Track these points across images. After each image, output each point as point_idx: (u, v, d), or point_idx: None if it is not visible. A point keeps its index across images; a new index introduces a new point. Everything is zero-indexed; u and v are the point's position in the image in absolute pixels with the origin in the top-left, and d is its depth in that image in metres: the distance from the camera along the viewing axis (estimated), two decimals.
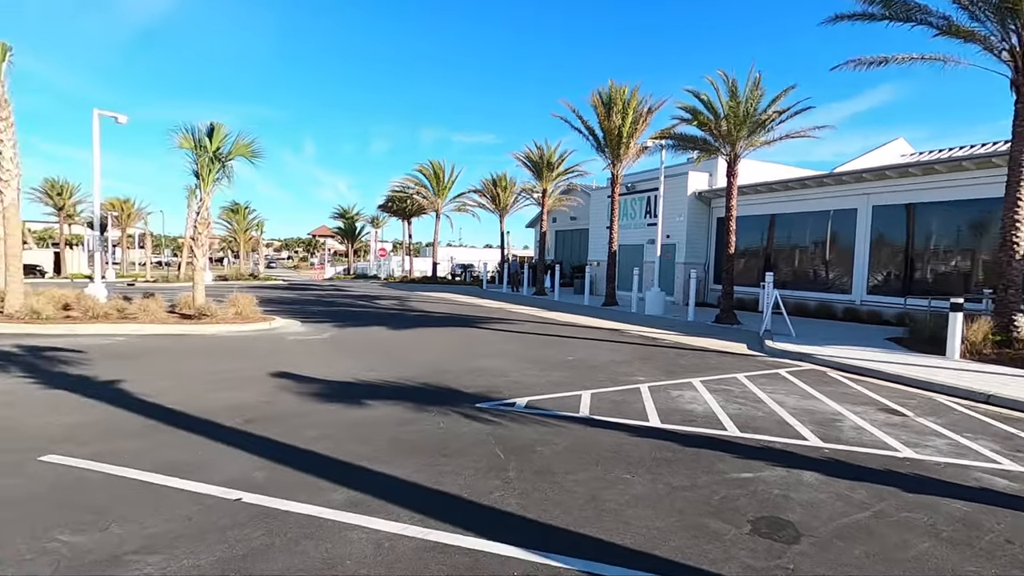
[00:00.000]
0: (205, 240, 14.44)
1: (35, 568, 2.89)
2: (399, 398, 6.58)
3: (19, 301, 12.56)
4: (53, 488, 3.88)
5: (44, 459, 4.39)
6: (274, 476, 4.16)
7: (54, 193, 39.32)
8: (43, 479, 4.03)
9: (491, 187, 32.84)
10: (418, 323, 14.63)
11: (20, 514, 3.48)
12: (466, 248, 66.64)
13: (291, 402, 6.34)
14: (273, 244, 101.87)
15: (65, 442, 4.80)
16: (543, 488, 4.02)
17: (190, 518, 3.47)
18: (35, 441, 4.83)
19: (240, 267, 45.91)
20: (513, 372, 8.26)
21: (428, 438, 5.12)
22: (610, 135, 19.28)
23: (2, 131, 12.62)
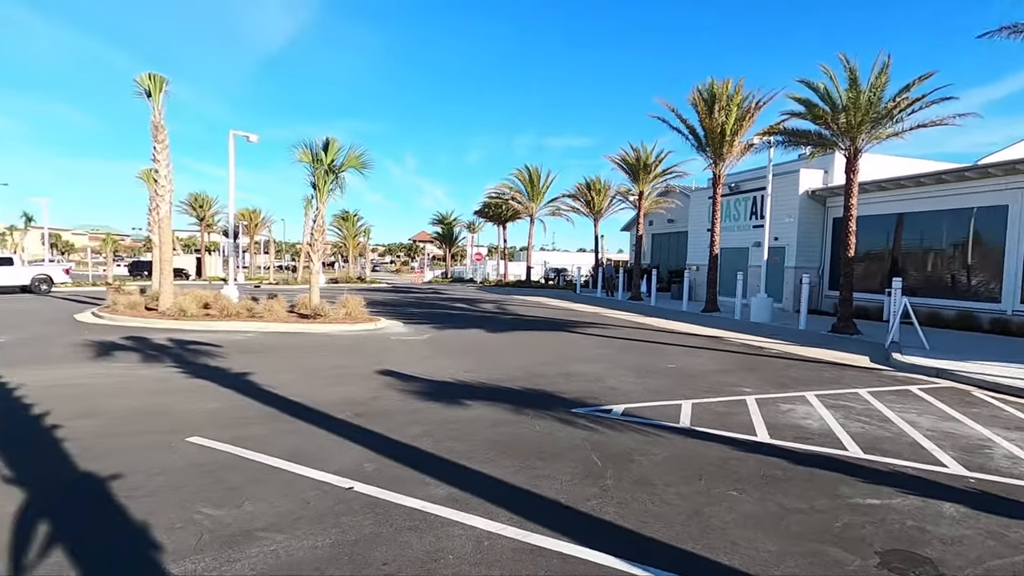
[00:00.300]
0: (320, 246, 15.67)
1: (183, 537, 3.28)
2: (495, 399, 6.71)
3: (170, 300, 14.38)
4: (197, 466, 4.39)
5: (190, 440, 4.99)
6: (381, 468, 4.41)
7: (197, 206, 44.58)
8: (189, 458, 4.57)
9: (585, 191, 32.61)
10: (513, 326, 14.85)
11: (171, 487, 3.98)
12: (559, 252, 66.66)
13: (395, 399, 6.69)
14: (378, 249, 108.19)
15: (206, 426, 5.42)
16: (642, 499, 3.91)
17: (309, 502, 3.77)
18: (183, 424, 5.49)
19: (349, 271, 49.28)
20: (609, 378, 8.12)
21: (524, 440, 5.17)
22: (712, 133, 18.41)
23: (159, 153, 14.54)
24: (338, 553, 3.12)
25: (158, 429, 5.32)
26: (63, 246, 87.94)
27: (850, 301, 13.99)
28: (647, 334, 13.58)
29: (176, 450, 4.74)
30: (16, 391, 6.69)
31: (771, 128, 16.67)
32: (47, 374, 7.69)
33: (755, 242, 21.35)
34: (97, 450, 4.69)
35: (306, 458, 4.59)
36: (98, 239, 61.64)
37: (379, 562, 3.03)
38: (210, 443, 4.91)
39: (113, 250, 47.74)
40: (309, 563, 3.01)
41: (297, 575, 2.90)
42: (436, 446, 4.96)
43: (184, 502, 3.73)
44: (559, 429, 5.55)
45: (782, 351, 11.15)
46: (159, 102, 14.41)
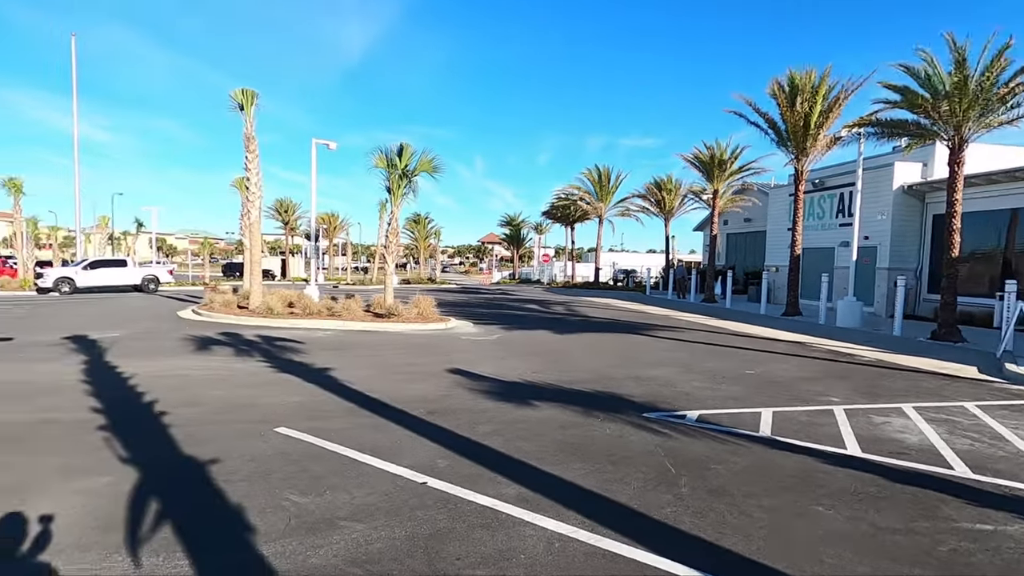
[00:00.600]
0: (394, 248, 16.26)
1: (273, 520, 3.51)
2: (564, 401, 6.68)
3: (259, 299, 15.42)
4: (284, 455, 4.68)
5: (278, 430, 5.32)
6: (454, 465, 4.50)
7: (282, 211, 47.54)
8: (277, 447, 4.88)
9: (655, 190, 31.79)
10: (581, 328, 14.73)
11: (262, 473, 4.26)
12: (628, 253, 65.41)
13: (465, 398, 6.82)
14: (447, 251, 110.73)
15: (292, 418, 5.76)
16: (719, 509, 3.76)
17: (386, 495, 3.92)
18: (271, 415, 5.87)
19: (420, 272, 50.80)
20: (682, 383, 7.87)
21: (594, 443, 5.12)
22: (794, 126, 17.40)
23: (250, 162, 15.64)
24: (413, 546, 3.22)
25: (249, 419, 5.72)
26: (167, 249, 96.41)
27: (953, 305, 12.76)
28: (722, 338, 13.04)
29: (266, 439, 5.07)
30: (130, 380, 7.41)
31: (861, 119, 15.52)
32: (156, 365, 8.47)
33: (842, 242, 19.97)
34: (198, 436, 5.11)
35: (383, 452, 4.77)
36: (196, 243, 67.24)
37: (452, 557, 3.10)
38: (295, 434, 5.22)
39: (209, 253, 51.85)
40: (387, 553, 3.13)
41: (376, 564, 3.02)
42: (506, 445, 5.01)
43: (273, 488, 3.99)
44: (630, 433, 5.44)
45: (874, 358, 10.35)
46: (250, 115, 15.50)
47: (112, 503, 3.71)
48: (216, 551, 3.16)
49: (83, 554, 3.07)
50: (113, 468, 4.33)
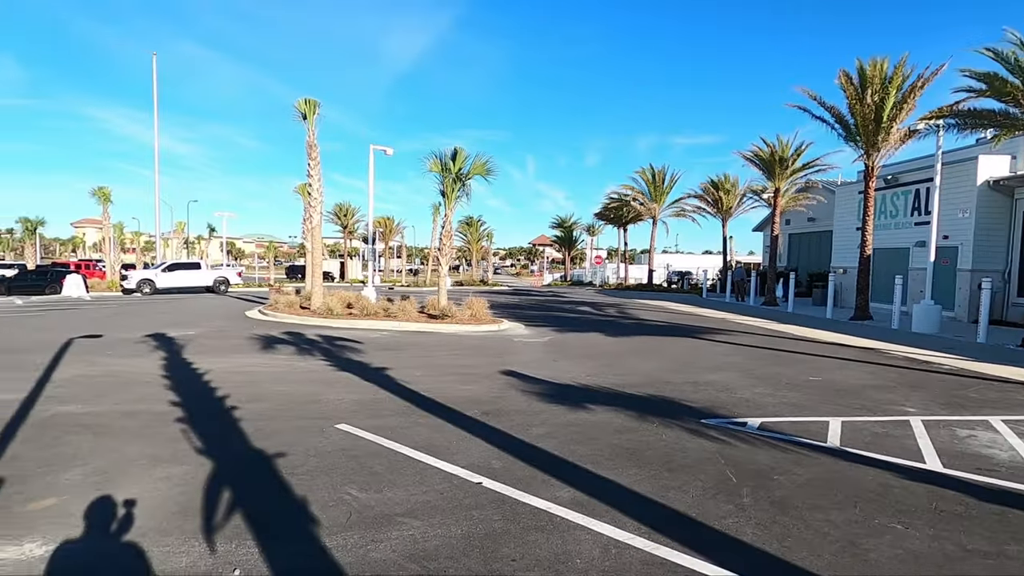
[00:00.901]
0: (448, 251, 16.52)
1: (335, 514, 3.63)
2: (618, 405, 6.58)
3: (320, 300, 16.04)
4: (344, 451, 4.84)
5: (338, 427, 5.51)
6: (508, 466, 4.52)
7: (341, 215, 49.33)
8: (338, 443, 5.05)
9: (712, 189, 30.86)
10: (635, 331, 14.47)
11: (324, 468, 4.42)
12: (683, 255, 63.76)
13: (518, 399, 6.83)
14: (499, 253, 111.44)
15: (351, 415, 5.95)
16: (784, 522, 3.59)
17: (442, 493, 3.98)
18: (332, 411, 6.09)
19: (472, 273, 51.39)
20: (742, 389, 7.59)
21: (650, 448, 5.01)
22: (864, 120, 16.46)
23: (312, 168, 16.31)
24: (469, 545, 3.25)
25: (312, 415, 5.95)
26: (236, 252, 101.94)
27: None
28: (784, 343, 12.48)
29: (327, 435, 5.26)
30: (204, 376, 7.88)
31: (940, 111, 14.49)
32: (226, 362, 8.96)
33: (918, 241, 18.70)
34: (265, 430, 5.36)
35: (438, 451, 4.85)
36: (262, 246, 70.77)
37: (508, 558, 3.11)
38: (355, 431, 5.39)
39: (274, 256, 54.35)
40: (443, 551, 3.17)
41: (433, 561, 3.07)
42: (560, 448, 4.98)
43: (335, 483, 4.13)
44: (687, 440, 5.29)
45: (956, 367, 9.62)
46: (313, 124, 16.17)
47: (189, 491, 3.95)
48: (283, 541, 3.30)
49: (164, 537, 3.28)
50: (189, 458, 4.61)
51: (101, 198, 31.30)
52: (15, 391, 6.80)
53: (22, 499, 3.79)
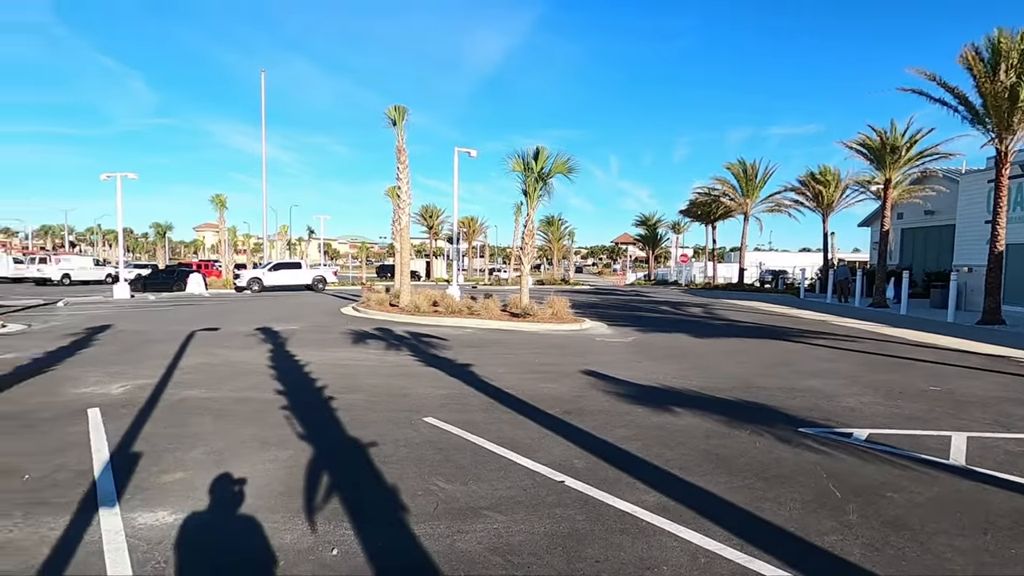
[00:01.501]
0: (530, 250, 16.64)
1: (423, 503, 3.78)
2: (707, 409, 6.31)
3: (407, 298, 16.74)
4: (431, 443, 5.02)
5: (426, 420, 5.72)
6: (591, 467, 4.48)
7: (427, 216, 51.18)
8: (425, 435, 5.25)
9: (811, 182, 28.77)
10: (724, 332, 13.81)
11: (413, 459, 4.61)
12: (777, 252, 59.98)
13: (600, 399, 6.75)
14: (580, 252, 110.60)
15: (438, 408, 6.16)
16: (898, 544, 3.28)
17: (525, 489, 4.02)
18: (420, 404, 6.34)
19: (553, 273, 51.40)
20: (845, 396, 7.02)
21: (741, 456, 4.76)
22: (995, 99, 14.62)
23: (401, 172, 17.05)
24: (552, 543, 3.25)
25: (402, 407, 6.22)
26: (331, 253, 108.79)
27: None
28: (895, 348, 11.38)
29: (416, 427, 5.48)
30: (305, 367, 8.48)
31: None
32: (324, 355, 9.59)
33: None
34: (359, 420, 5.68)
35: (521, 447, 4.90)
36: (355, 247, 74.97)
37: (591, 559, 3.08)
38: (441, 424, 5.57)
39: (365, 256, 57.35)
40: (526, 547, 3.20)
41: (516, 556, 3.10)
42: (645, 451, 4.86)
43: (423, 473, 4.30)
44: (783, 449, 4.98)
45: None
46: (401, 129, 16.90)
47: (292, 473, 4.27)
48: (375, 525, 3.48)
49: (271, 514, 3.57)
50: (292, 443, 4.98)
51: (218, 204, 34.59)
52: (151, 376, 7.69)
53: (157, 471, 4.28)
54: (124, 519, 3.47)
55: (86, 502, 3.72)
